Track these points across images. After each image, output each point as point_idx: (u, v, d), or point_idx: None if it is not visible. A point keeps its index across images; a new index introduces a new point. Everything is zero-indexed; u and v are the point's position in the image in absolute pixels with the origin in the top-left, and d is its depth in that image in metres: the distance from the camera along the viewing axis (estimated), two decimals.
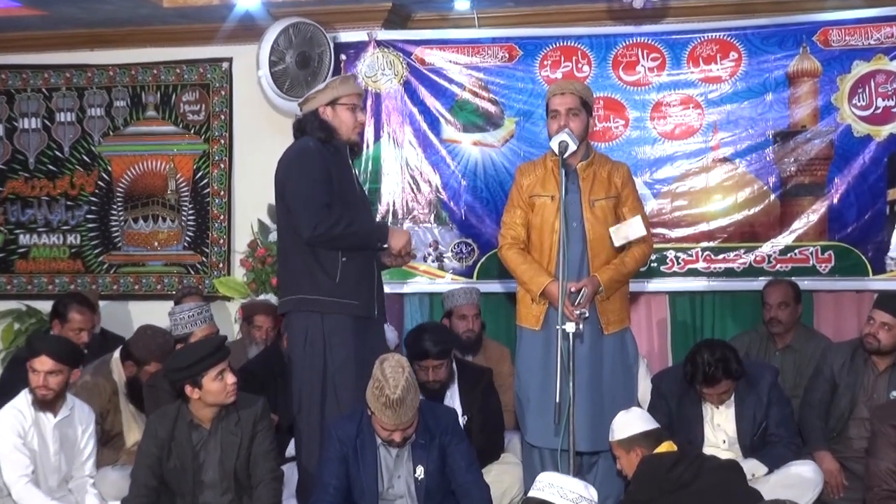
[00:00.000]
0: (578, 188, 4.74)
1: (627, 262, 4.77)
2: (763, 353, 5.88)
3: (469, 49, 6.57)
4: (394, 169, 6.63)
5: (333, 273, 4.59)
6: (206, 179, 7.05)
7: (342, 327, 4.60)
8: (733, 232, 6.31)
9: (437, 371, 5.11)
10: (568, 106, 4.72)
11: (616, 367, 4.78)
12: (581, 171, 4.75)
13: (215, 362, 4.38)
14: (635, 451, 4.34)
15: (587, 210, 4.72)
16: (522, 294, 4.86)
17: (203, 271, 7.03)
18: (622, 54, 6.41)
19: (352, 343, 4.60)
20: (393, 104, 6.62)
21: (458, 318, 5.99)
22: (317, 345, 4.60)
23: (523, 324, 4.86)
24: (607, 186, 4.79)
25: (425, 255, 6.57)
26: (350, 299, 4.60)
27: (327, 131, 4.71)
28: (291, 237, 4.65)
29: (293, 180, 4.62)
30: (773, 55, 6.25)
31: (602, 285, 4.66)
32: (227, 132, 7.04)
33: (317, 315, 4.60)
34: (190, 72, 7.10)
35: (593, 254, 4.72)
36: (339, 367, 4.60)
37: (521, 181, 4.88)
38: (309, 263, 4.60)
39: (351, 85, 4.81)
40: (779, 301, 5.82)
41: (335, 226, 4.53)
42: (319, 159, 4.61)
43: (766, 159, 6.27)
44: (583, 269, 4.72)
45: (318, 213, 4.52)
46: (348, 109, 4.75)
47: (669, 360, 6.46)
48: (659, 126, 6.40)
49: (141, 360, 5.26)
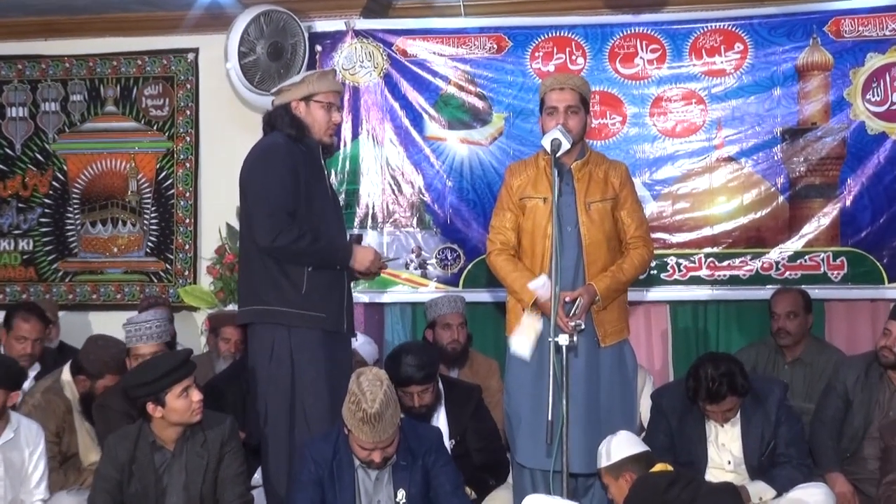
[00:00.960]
0: (573, 190, 4.74)
1: (626, 270, 4.76)
2: (771, 367, 5.89)
3: (454, 39, 6.58)
4: (373, 169, 6.63)
5: (299, 283, 4.57)
6: (170, 180, 7.03)
7: (310, 342, 4.58)
8: (739, 237, 6.33)
9: (423, 396, 5.08)
10: (567, 103, 4.70)
11: (614, 382, 4.78)
12: (576, 171, 4.75)
13: (180, 378, 4.36)
14: (625, 477, 4.35)
15: (583, 213, 4.72)
16: (513, 304, 4.85)
17: (167, 279, 7.01)
18: (619, 45, 6.43)
19: (322, 360, 4.58)
20: (372, 99, 6.62)
21: (441, 327, 5.99)
22: (283, 361, 4.58)
23: (511, 334, 4.85)
24: (604, 187, 4.79)
25: (407, 261, 6.57)
26: (318, 312, 4.58)
27: (298, 128, 4.68)
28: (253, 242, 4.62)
29: (256, 181, 4.58)
30: (781, 47, 6.28)
31: (599, 294, 4.66)
32: (192, 129, 7.03)
33: (283, 328, 4.58)
34: (152, 63, 7.08)
35: (589, 260, 4.72)
36: (308, 386, 4.57)
37: (510, 182, 4.87)
38: (272, 271, 4.58)
39: (329, 81, 4.79)
40: (788, 311, 5.83)
41: (299, 240, 4.50)
42: (287, 158, 4.58)
43: (774, 159, 6.30)
44: (578, 277, 4.71)
45: (280, 222, 4.49)
46: (323, 108, 4.73)
47: (670, 375, 6.47)
48: (659, 123, 6.41)
49: (93, 373, 5.22)
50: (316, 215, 4.63)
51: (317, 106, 4.72)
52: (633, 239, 4.82)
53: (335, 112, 4.79)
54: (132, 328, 5.10)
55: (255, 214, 4.54)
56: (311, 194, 4.63)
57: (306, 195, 4.60)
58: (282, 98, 4.76)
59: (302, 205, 4.58)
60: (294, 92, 4.73)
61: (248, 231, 4.63)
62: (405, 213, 6.60)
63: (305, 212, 4.58)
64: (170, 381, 4.35)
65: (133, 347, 5.10)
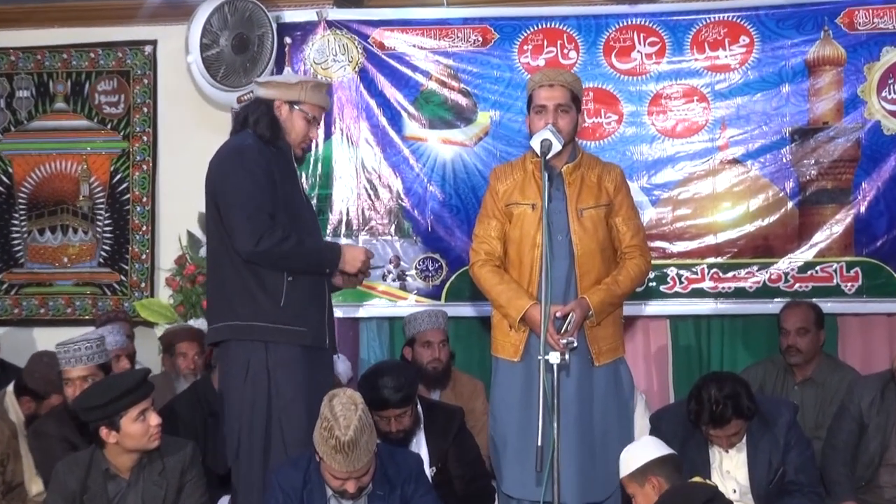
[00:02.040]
0: (564, 195, 4.75)
1: (621, 282, 4.77)
2: (780, 387, 5.91)
3: (436, 31, 6.60)
4: (347, 172, 6.64)
5: (277, 295, 4.55)
6: (126, 183, 7.01)
7: (290, 359, 4.57)
8: (744, 246, 6.36)
9: (401, 420, 5.07)
10: (557, 101, 4.70)
11: (609, 404, 4.78)
12: (567, 174, 4.76)
13: (136, 400, 4.35)
14: (651, 482, 4.32)
15: (574, 220, 4.73)
16: (498, 319, 4.85)
17: (122, 292, 6.99)
18: (615, 38, 6.46)
19: (301, 378, 4.57)
20: (346, 95, 6.63)
21: (421, 345, 5.98)
22: (260, 380, 4.56)
23: (500, 354, 4.85)
24: (597, 193, 4.80)
25: (385, 272, 6.58)
26: (298, 326, 4.57)
27: (274, 129, 4.68)
28: (226, 251, 4.61)
29: (230, 183, 4.56)
30: (789, 40, 6.32)
31: (592, 309, 4.66)
32: (150, 128, 7.01)
33: (259, 345, 4.56)
34: (106, 57, 7.07)
35: (582, 272, 4.72)
36: (286, 406, 4.56)
37: (496, 187, 4.88)
38: (248, 283, 4.56)
39: (322, 96, 4.79)
40: (798, 326, 5.86)
41: (284, 241, 4.49)
42: (260, 158, 4.58)
43: (783, 161, 6.33)
44: (570, 290, 4.72)
45: (261, 224, 4.48)
46: (305, 119, 4.73)
47: (670, 396, 6.48)
48: (658, 122, 6.44)
49: (39, 393, 5.20)
50: (291, 221, 4.61)
51: (300, 115, 4.73)
52: (629, 248, 4.83)
53: (314, 127, 4.80)
54: (62, 349, 5.07)
55: (233, 218, 4.52)
56: (286, 199, 4.63)
57: (283, 201, 4.60)
58: (268, 91, 4.74)
59: (282, 212, 4.58)
60: (283, 91, 4.73)
61: (221, 239, 4.61)
62: (382, 219, 6.61)
63: (281, 218, 4.56)
64: (125, 404, 4.33)
65: (63, 371, 5.06)
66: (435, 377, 5.96)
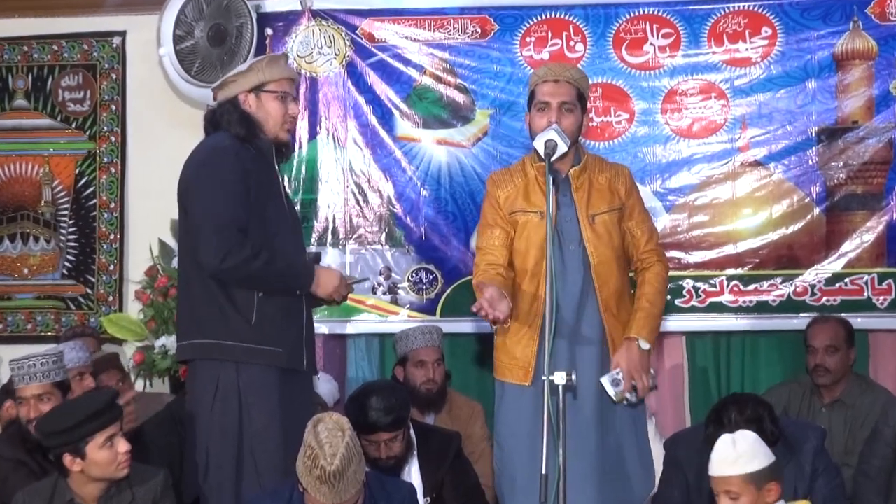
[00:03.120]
0: (572, 201, 4.74)
1: (654, 300, 4.77)
2: (806, 410, 5.91)
3: (431, 22, 6.61)
4: (334, 175, 6.65)
5: (248, 312, 4.55)
6: (92, 188, 7.02)
7: (263, 382, 4.57)
8: (767, 256, 6.37)
9: (391, 445, 5.07)
10: (562, 99, 4.70)
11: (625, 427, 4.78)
12: (574, 178, 4.76)
13: (103, 425, 4.34)
14: (768, 490, 4.26)
15: (586, 228, 4.71)
16: (502, 341, 4.81)
17: (87, 306, 6.99)
18: (625, 29, 6.47)
19: (276, 402, 4.57)
20: (333, 92, 6.64)
21: (414, 364, 5.98)
22: (230, 403, 4.56)
23: (506, 378, 4.80)
24: (609, 196, 4.79)
25: (375, 285, 6.58)
26: (271, 346, 4.57)
27: (249, 126, 4.68)
28: (195, 263, 4.62)
29: (200, 191, 4.57)
30: (815, 32, 6.34)
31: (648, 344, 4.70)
32: (118, 127, 7.01)
33: (230, 365, 4.56)
34: (71, 49, 7.07)
35: (600, 282, 4.71)
36: (259, 432, 4.56)
37: (495, 194, 4.84)
38: (217, 298, 4.56)
39: (281, 67, 4.80)
40: (826, 344, 5.86)
41: (251, 260, 4.48)
42: (236, 163, 4.57)
43: (809, 163, 6.34)
44: (587, 303, 4.70)
45: (229, 240, 4.47)
46: (277, 98, 4.73)
47: (686, 420, 6.48)
48: (673, 121, 6.46)
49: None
50: (270, 231, 4.61)
51: (270, 97, 4.72)
52: (647, 254, 4.83)
53: (291, 103, 4.79)
54: (15, 365, 5.06)
55: (200, 231, 4.52)
56: (264, 206, 4.62)
57: (258, 207, 4.59)
58: (226, 91, 4.76)
59: (260, 221, 4.57)
60: (241, 83, 4.73)
61: (190, 250, 4.62)
62: (372, 227, 6.61)
63: (257, 227, 4.57)
64: (91, 429, 4.32)
65: (17, 389, 5.04)
66: (429, 399, 5.96)
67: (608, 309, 4.72)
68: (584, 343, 4.69)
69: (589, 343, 4.70)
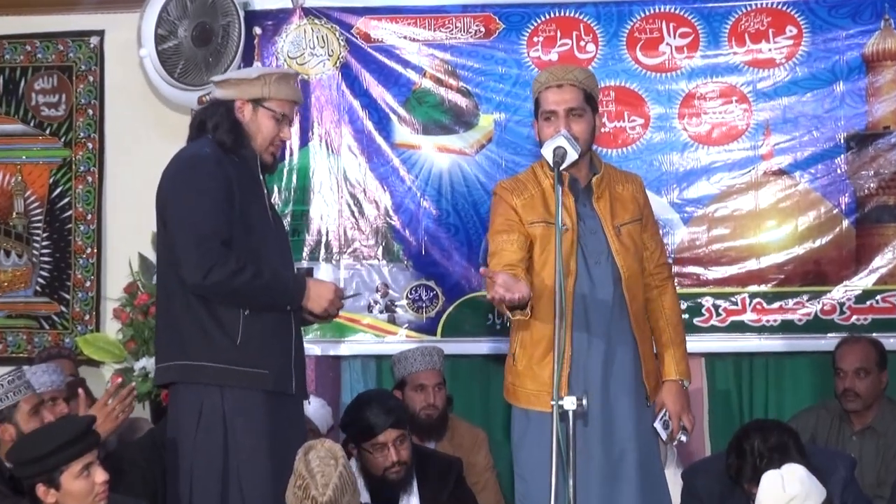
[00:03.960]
0: (595, 212, 4.71)
1: (678, 326, 4.83)
2: (835, 437, 5.91)
3: (431, 20, 6.62)
4: (327, 184, 6.65)
5: (233, 331, 4.55)
6: (68, 198, 7.02)
7: (249, 406, 4.57)
8: (793, 271, 6.37)
9: (400, 449, 5.10)
10: (569, 105, 4.64)
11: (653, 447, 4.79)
12: (596, 187, 4.72)
13: (79, 452, 4.32)
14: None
15: (614, 240, 4.68)
16: (525, 365, 4.73)
17: (62, 325, 6.98)
18: (640, 29, 6.48)
19: (263, 429, 4.57)
20: (326, 96, 6.65)
21: (414, 389, 5.97)
22: (215, 429, 4.57)
23: (534, 406, 4.70)
24: (631, 206, 4.78)
25: (370, 303, 6.58)
26: (257, 368, 4.56)
27: (237, 135, 4.68)
28: (176, 278, 4.60)
29: (180, 202, 4.57)
30: (844, 31, 6.34)
31: (686, 380, 4.79)
32: (96, 133, 7.02)
33: (214, 389, 4.57)
34: (45, 49, 7.08)
35: (630, 297, 4.68)
36: (246, 461, 4.55)
37: (511, 200, 4.73)
38: (200, 317, 4.56)
39: (290, 88, 4.80)
40: (856, 366, 5.86)
41: (237, 274, 4.48)
42: (218, 171, 4.58)
43: (837, 172, 6.35)
44: (619, 320, 4.67)
45: (212, 253, 4.47)
46: (273, 118, 4.73)
47: (706, 448, 6.48)
48: (691, 127, 6.46)
49: None
50: (254, 245, 4.61)
51: (266, 114, 4.73)
52: (659, 268, 4.84)
53: (286, 127, 4.80)
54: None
55: (181, 245, 4.52)
56: (248, 218, 4.62)
57: (241, 219, 4.59)
58: (226, 91, 4.75)
59: (243, 235, 4.57)
60: (244, 89, 4.73)
61: (171, 266, 4.62)
62: (368, 241, 6.61)
63: (242, 239, 4.57)
64: (66, 457, 4.30)
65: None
66: (429, 426, 5.94)
67: (638, 324, 4.72)
68: (617, 363, 4.67)
69: (622, 363, 4.68)
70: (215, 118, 4.71)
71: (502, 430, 6.06)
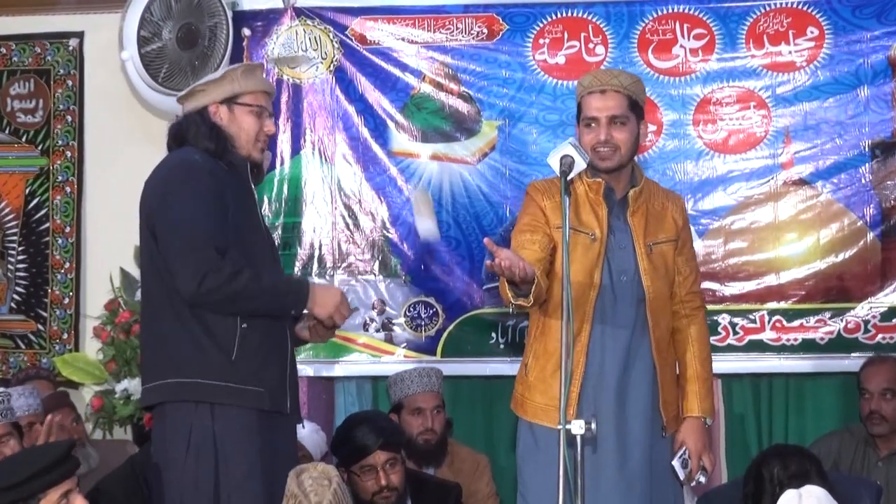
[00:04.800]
0: (628, 226, 4.69)
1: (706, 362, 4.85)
2: (860, 463, 5.92)
3: (431, 21, 6.65)
4: (320, 195, 6.67)
5: (228, 346, 4.54)
6: (45, 210, 7.04)
7: (242, 426, 4.56)
8: (814, 287, 6.38)
9: (390, 474, 5.12)
10: (612, 112, 4.62)
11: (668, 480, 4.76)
12: (633, 200, 4.70)
13: (57, 479, 4.32)
14: None
15: (643, 258, 4.66)
16: (537, 376, 4.73)
17: (38, 345, 6.99)
18: (652, 30, 6.51)
19: (257, 448, 4.56)
20: (319, 101, 6.68)
21: (411, 412, 5.97)
22: (205, 451, 4.55)
23: (541, 421, 4.71)
24: (667, 225, 4.76)
25: (366, 320, 6.59)
26: (251, 385, 4.56)
27: (219, 140, 4.68)
28: (165, 292, 4.60)
29: (172, 207, 4.56)
30: (869, 32, 6.36)
31: (708, 417, 4.78)
32: (75, 141, 7.04)
33: (204, 407, 4.55)
34: (21, 52, 7.10)
35: (654, 320, 4.67)
36: (238, 485, 4.54)
37: (541, 201, 4.72)
38: (193, 332, 4.55)
39: (258, 79, 4.82)
40: (883, 387, 5.87)
41: (234, 279, 4.48)
42: (209, 177, 4.58)
43: (861, 182, 6.36)
44: (640, 344, 4.66)
45: (206, 261, 4.47)
46: (252, 113, 4.74)
47: (723, 475, 6.49)
48: (706, 134, 6.48)
49: None
50: (245, 256, 4.61)
51: (244, 110, 4.73)
52: (691, 296, 4.83)
53: (267, 119, 4.81)
54: None
55: (173, 254, 4.51)
56: (243, 227, 4.64)
57: (238, 230, 4.60)
58: (195, 101, 4.76)
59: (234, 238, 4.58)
60: (212, 92, 4.74)
61: (158, 277, 4.61)
62: (363, 255, 6.63)
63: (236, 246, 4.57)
64: (43, 484, 4.29)
65: None
66: (427, 452, 5.95)
67: (661, 349, 4.70)
68: (633, 387, 4.66)
69: (637, 388, 4.67)
70: (192, 128, 4.71)
71: (506, 455, 6.08)
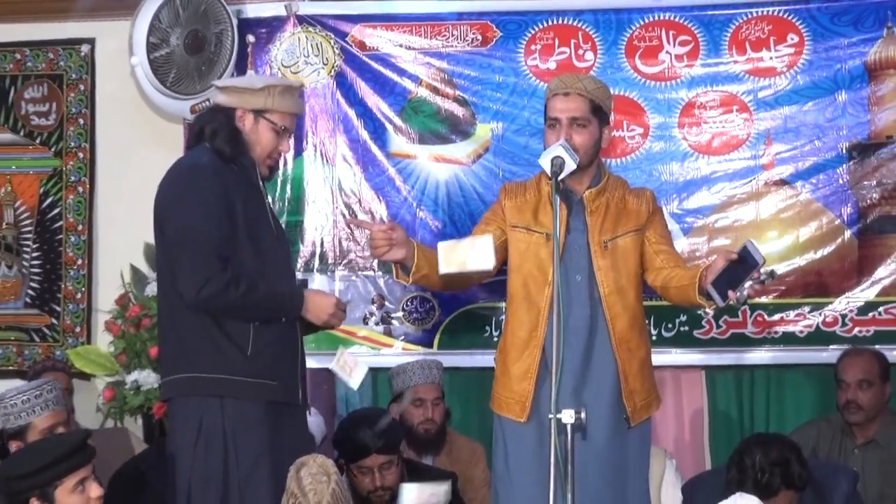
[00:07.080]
0: (585, 226, 4.67)
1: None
2: (837, 451, 5.94)
3: (427, 28, 6.65)
4: (322, 195, 6.69)
5: (244, 343, 4.55)
6: (58, 209, 7.04)
7: (251, 418, 4.55)
8: (794, 283, 6.40)
9: (386, 473, 5.12)
10: (572, 114, 4.60)
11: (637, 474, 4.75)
12: (589, 201, 4.68)
13: (74, 467, 4.32)
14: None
15: (597, 256, 4.64)
16: (501, 371, 4.77)
17: (52, 338, 6.99)
18: (639, 37, 6.52)
19: (266, 441, 4.56)
20: (321, 105, 6.69)
21: (412, 403, 5.98)
22: (215, 444, 4.55)
23: (503, 412, 4.78)
24: (625, 218, 4.71)
25: (366, 314, 6.61)
26: (265, 379, 4.56)
27: (236, 144, 4.67)
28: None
29: (177, 213, 4.57)
30: (846, 38, 6.36)
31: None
32: (86, 143, 7.03)
33: (214, 402, 4.55)
34: (35, 58, 7.09)
35: (612, 314, 4.63)
36: (248, 478, 4.54)
37: (503, 201, 4.77)
38: (209, 328, 4.54)
39: (294, 101, 4.78)
40: (858, 378, 5.88)
41: (230, 288, 4.47)
42: (215, 183, 4.57)
43: (839, 182, 6.37)
44: (596, 340, 4.64)
45: (207, 266, 4.47)
46: (274, 131, 4.71)
47: (706, 462, 6.50)
48: (691, 136, 6.50)
49: None
50: (257, 254, 4.61)
51: (267, 126, 4.71)
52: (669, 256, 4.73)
53: (285, 140, 4.79)
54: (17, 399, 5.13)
55: (178, 259, 4.52)
56: (250, 227, 4.61)
57: (248, 231, 4.59)
58: (228, 98, 4.73)
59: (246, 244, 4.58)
60: (247, 99, 4.71)
61: (174, 278, 4.60)
62: (363, 251, 6.62)
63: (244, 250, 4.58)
64: (60, 471, 4.30)
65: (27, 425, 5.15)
66: (427, 441, 5.98)
67: (623, 343, 4.65)
68: (592, 382, 4.63)
69: (599, 382, 4.63)
70: (214, 125, 4.68)
71: None
